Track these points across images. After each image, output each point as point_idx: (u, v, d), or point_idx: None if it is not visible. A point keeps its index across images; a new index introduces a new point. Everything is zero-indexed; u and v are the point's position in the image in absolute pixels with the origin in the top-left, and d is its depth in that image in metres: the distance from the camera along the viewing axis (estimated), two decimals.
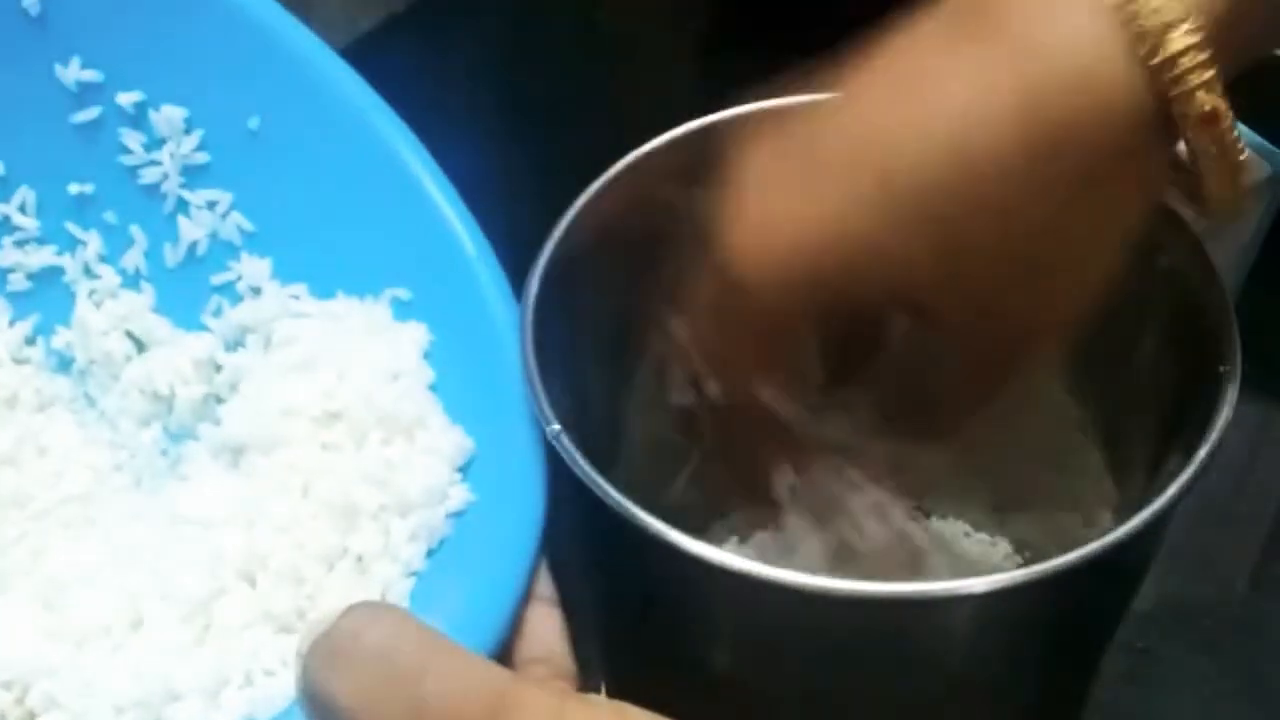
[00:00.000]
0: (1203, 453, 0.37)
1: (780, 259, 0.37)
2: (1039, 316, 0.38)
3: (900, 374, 0.42)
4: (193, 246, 0.43)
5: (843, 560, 0.46)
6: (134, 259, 0.44)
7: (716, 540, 0.51)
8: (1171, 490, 0.37)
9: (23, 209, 0.43)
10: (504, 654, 0.37)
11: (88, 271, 0.44)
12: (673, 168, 0.45)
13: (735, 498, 0.46)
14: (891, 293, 0.37)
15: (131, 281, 0.44)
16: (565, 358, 0.43)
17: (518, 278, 0.43)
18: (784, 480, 0.42)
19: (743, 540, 0.51)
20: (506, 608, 0.37)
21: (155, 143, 0.42)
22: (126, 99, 0.42)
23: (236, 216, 0.43)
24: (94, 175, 0.43)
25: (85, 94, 0.42)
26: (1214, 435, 0.38)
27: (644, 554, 0.38)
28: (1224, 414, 0.38)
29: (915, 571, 0.49)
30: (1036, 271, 0.36)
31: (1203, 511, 0.52)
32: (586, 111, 0.75)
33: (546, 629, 0.38)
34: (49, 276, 0.44)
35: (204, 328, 0.44)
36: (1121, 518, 0.37)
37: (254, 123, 0.42)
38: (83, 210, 0.43)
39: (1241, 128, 0.55)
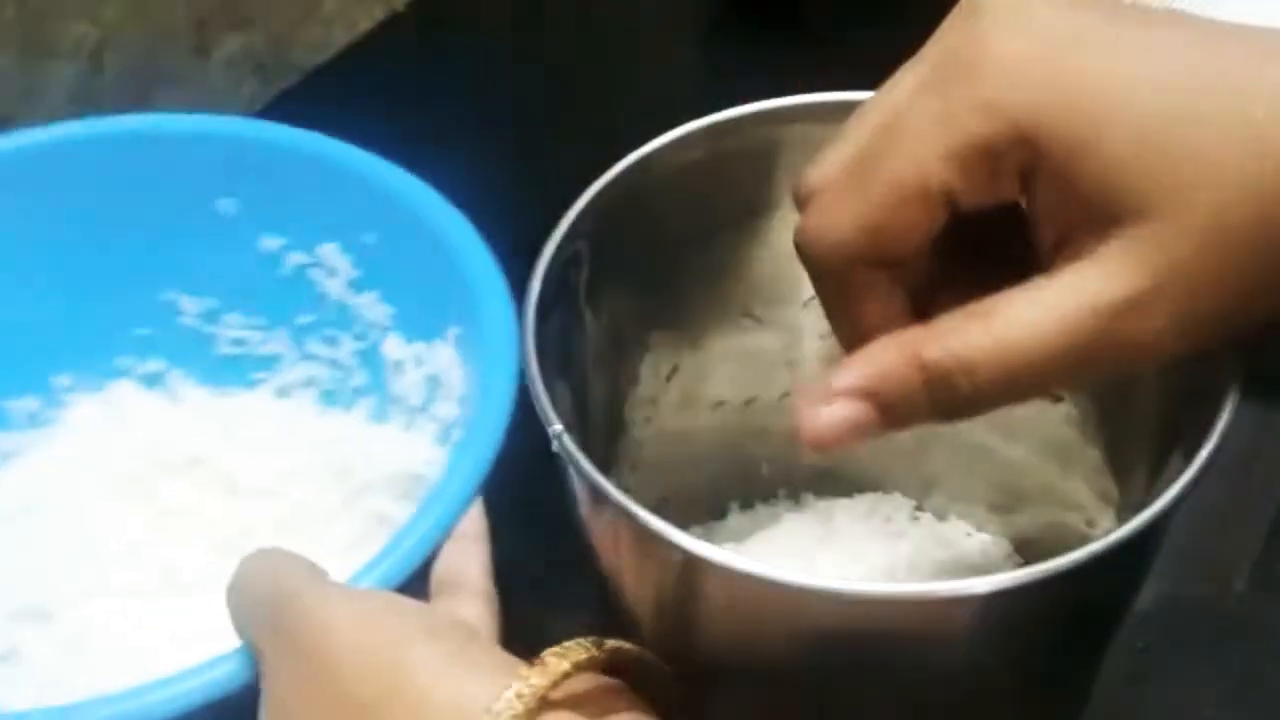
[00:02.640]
0: (1204, 453, 0.37)
1: None
2: None
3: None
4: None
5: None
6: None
7: (716, 539, 0.51)
8: (1173, 491, 0.37)
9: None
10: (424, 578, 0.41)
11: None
12: (675, 167, 0.45)
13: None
14: None
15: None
16: (565, 358, 0.43)
17: (518, 278, 0.43)
18: None
19: (742, 540, 0.51)
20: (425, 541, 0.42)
21: (330, 271, 0.57)
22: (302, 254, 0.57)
23: (383, 306, 0.56)
24: (312, 307, 0.58)
25: (282, 253, 0.57)
26: (1215, 435, 0.37)
27: (644, 554, 0.38)
28: (1225, 414, 0.38)
29: (916, 572, 0.49)
30: None
31: (1203, 511, 0.52)
32: (587, 111, 0.75)
33: (465, 559, 0.41)
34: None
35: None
36: (1122, 518, 0.37)
37: (370, 238, 0.56)
38: (305, 333, 0.58)
39: None
